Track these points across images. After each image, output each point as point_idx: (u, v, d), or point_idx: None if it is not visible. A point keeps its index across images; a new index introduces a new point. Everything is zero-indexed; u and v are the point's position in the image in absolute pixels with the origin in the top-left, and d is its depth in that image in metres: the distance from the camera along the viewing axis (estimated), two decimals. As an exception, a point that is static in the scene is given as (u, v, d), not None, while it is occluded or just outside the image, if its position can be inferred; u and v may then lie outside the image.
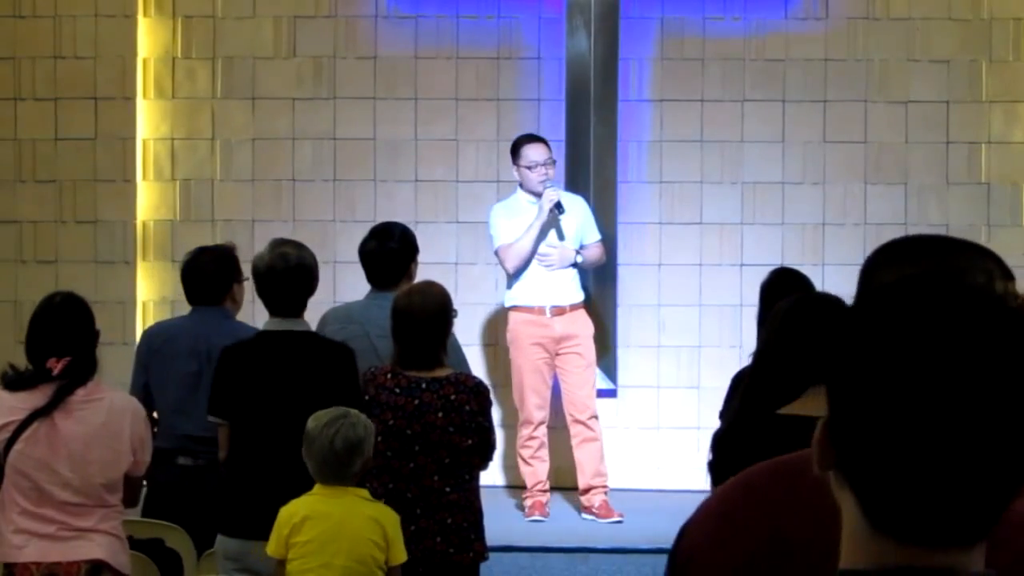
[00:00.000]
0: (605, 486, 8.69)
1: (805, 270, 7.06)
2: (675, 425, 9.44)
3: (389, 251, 6.82)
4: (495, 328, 9.42)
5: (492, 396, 6.15)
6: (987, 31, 9.41)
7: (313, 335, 5.95)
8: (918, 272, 1.55)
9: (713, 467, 4.75)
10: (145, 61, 9.56)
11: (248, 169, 9.56)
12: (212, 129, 9.57)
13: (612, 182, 9.08)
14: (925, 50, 9.43)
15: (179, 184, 9.58)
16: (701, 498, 2.12)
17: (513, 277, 8.62)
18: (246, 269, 6.33)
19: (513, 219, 8.56)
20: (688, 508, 2.14)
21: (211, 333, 6.37)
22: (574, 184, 8.88)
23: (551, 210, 8.48)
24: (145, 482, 6.55)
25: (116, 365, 8.87)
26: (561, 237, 8.61)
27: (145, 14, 9.54)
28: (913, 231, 9.34)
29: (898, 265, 2.13)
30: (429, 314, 5.87)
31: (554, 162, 8.63)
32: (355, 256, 9.30)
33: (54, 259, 9.49)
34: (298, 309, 5.88)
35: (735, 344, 9.13)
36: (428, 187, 9.53)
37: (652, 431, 9.50)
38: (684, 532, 2.09)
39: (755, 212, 9.48)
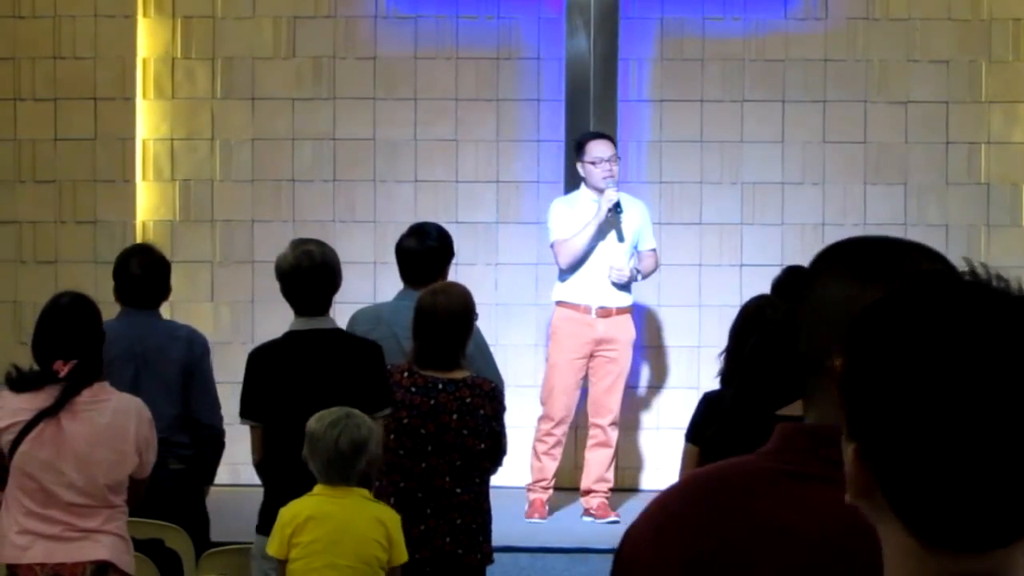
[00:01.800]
0: (606, 491, 8.70)
1: (805, 270, 7.06)
2: (675, 425, 9.43)
3: (429, 249, 6.81)
4: (495, 328, 9.41)
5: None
6: (987, 31, 9.41)
7: (341, 332, 5.95)
8: (924, 277, 1.52)
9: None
10: (145, 61, 9.56)
11: (248, 169, 9.56)
12: (212, 129, 9.57)
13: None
14: (925, 50, 9.43)
15: (179, 184, 9.58)
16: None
17: (566, 272, 8.58)
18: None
19: (572, 215, 8.52)
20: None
21: (146, 334, 6.36)
22: (574, 184, 8.87)
23: (609, 210, 8.45)
24: None
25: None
26: (620, 238, 8.57)
27: (145, 14, 9.54)
28: (913, 231, 9.35)
29: (844, 271, 2.13)
30: (452, 314, 5.87)
31: (619, 159, 8.59)
32: (355, 256, 9.34)
33: (54, 259, 9.48)
34: (324, 307, 5.88)
35: (735, 344, 9.13)
36: (428, 187, 9.53)
37: (652, 431, 9.50)
38: (628, 534, 2.09)
39: (755, 212, 9.48)
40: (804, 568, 1.95)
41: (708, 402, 5.55)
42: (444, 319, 5.85)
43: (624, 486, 9.25)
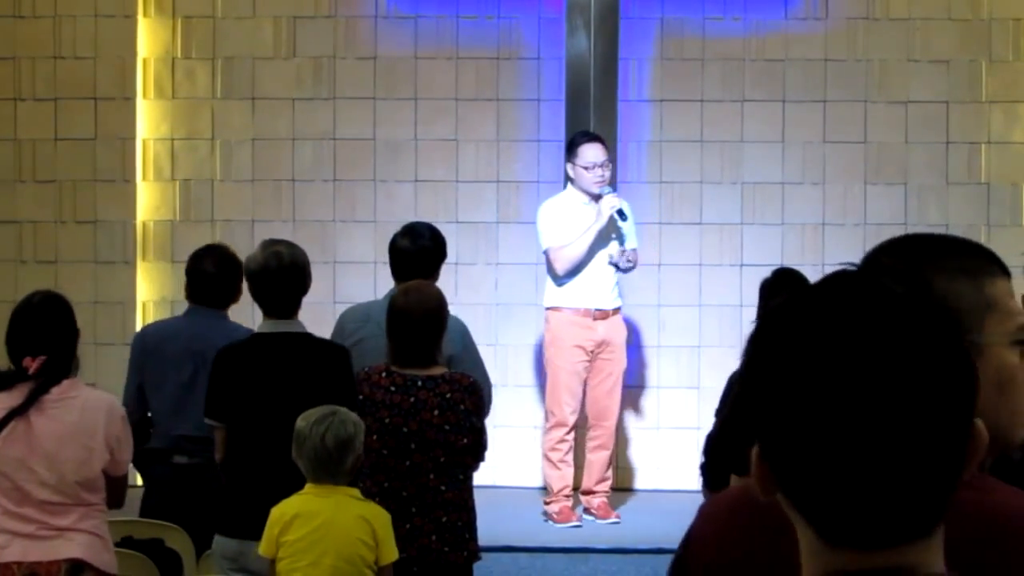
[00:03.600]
0: (608, 491, 8.71)
1: (805, 270, 7.07)
2: (675, 425, 9.44)
3: (422, 249, 6.81)
4: (495, 328, 9.42)
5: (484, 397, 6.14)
6: (987, 31, 9.41)
7: (308, 336, 5.94)
8: (815, 283, 1.54)
9: (705, 469, 4.74)
10: (145, 61, 9.57)
11: (248, 169, 9.56)
12: (212, 129, 9.57)
13: (612, 182, 9.07)
14: (925, 50, 9.43)
15: (179, 184, 9.58)
16: (700, 498, 2.13)
17: (563, 278, 8.56)
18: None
19: (565, 219, 8.50)
20: (688, 508, 2.14)
21: (207, 334, 6.34)
22: (574, 184, 8.87)
23: (612, 216, 8.45)
24: (141, 481, 6.54)
25: (115, 365, 8.87)
26: (622, 243, 8.59)
27: (145, 14, 9.54)
28: (913, 231, 9.34)
29: (906, 264, 2.14)
30: (425, 312, 5.88)
31: (611, 163, 8.59)
32: (355, 256, 9.35)
33: (54, 259, 9.48)
34: (292, 309, 5.87)
35: (735, 344, 9.12)
36: (428, 187, 9.53)
37: (652, 431, 9.50)
38: (689, 538, 2.09)
39: (755, 212, 9.48)
40: None
41: (733, 383, 5.57)
42: (418, 317, 5.86)
43: (624, 486, 9.25)
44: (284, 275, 5.82)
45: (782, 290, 5.75)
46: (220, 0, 9.53)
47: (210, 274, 6.48)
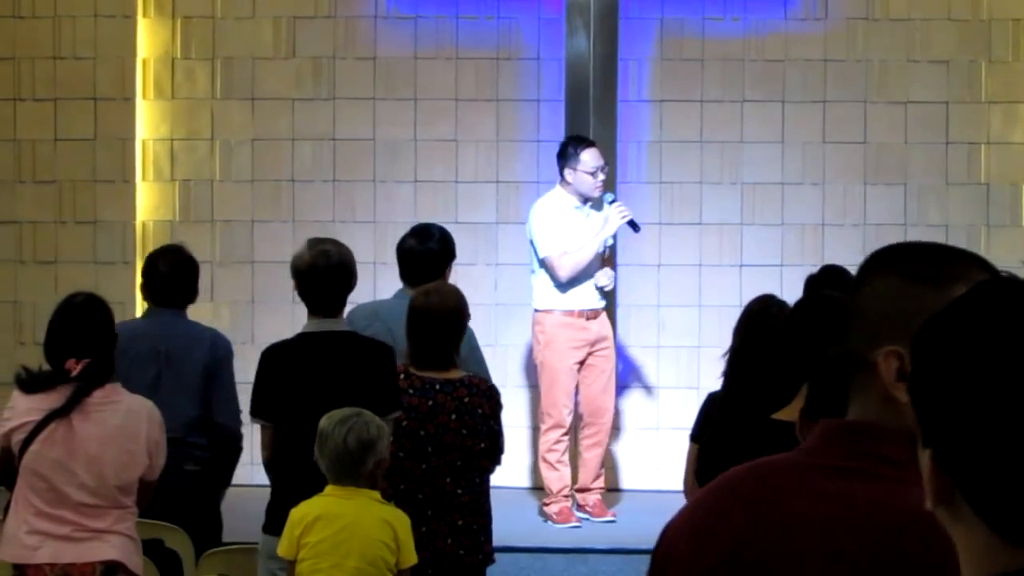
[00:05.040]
0: (602, 487, 8.74)
1: (803, 271, 7.05)
2: (675, 425, 9.43)
3: (429, 251, 6.82)
4: (494, 328, 9.42)
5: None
6: (987, 31, 9.41)
7: (353, 335, 5.93)
8: (988, 284, 1.54)
9: (700, 476, 4.74)
10: (145, 61, 9.57)
11: (248, 169, 9.57)
12: (212, 129, 9.57)
13: (612, 182, 9.07)
14: (925, 50, 9.43)
15: (179, 184, 9.58)
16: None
17: (566, 285, 8.58)
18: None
19: (561, 225, 8.52)
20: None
21: (169, 334, 6.36)
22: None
23: (625, 225, 8.51)
24: None
25: (116, 365, 8.88)
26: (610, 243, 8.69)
27: (145, 14, 9.55)
28: (913, 231, 9.36)
29: (892, 271, 2.15)
30: (445, 314, 5.87)
31: (607, 164, 8.62)
32: (355, 256, 9.33)
33: (54, 259, 9.49)
34: (338, 308, 5.87)
35: (735, 344, 9.12)
36: (428, 187, 9.53)
37: (651, 431, 9.50)
38: (665, 532, 2.13)
39: (755, 212, 9.48)
40: (833, 558, 1.98)
41: (711, 402, 5.56)
42: (438, 319, 5.86)
43: (623, 486, 9.26)
44: (332, 274, 5.82)
45: (828, 286, 5.66)
46: (220, 0, 9.53)
47: (163, 274, 6.47)
